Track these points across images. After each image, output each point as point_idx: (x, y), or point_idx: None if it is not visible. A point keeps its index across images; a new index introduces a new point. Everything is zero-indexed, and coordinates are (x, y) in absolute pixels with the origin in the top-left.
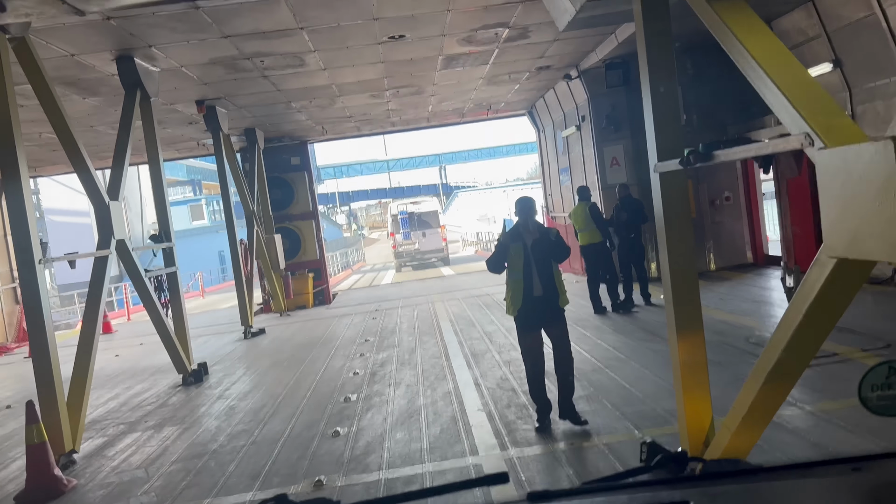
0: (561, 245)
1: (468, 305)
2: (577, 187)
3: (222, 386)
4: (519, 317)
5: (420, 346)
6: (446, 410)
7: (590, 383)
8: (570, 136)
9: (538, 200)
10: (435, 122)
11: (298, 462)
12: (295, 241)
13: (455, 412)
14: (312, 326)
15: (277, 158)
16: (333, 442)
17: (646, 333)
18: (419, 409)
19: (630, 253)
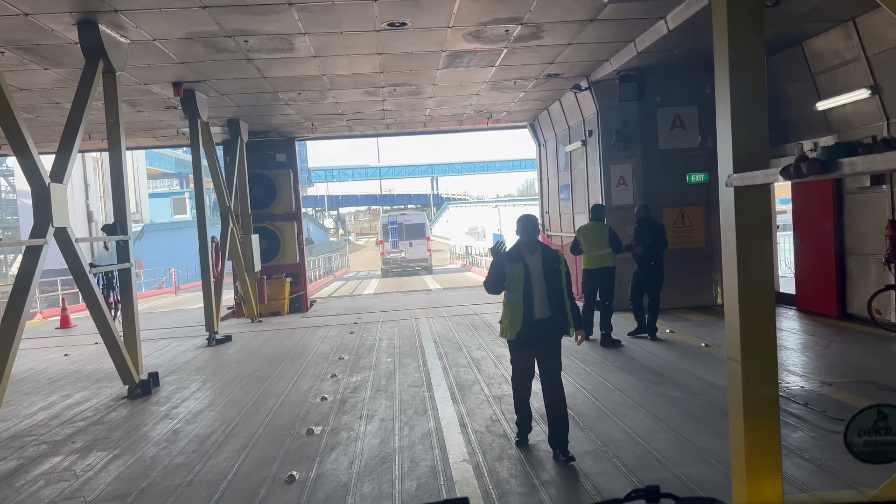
0: (569, 279)
1: (454, 325)
2: (591, 205)
3: (171, 402)
4: (516, 340)
5: (399, 371)
6: (425, 458)
7: (596, 435)
8: (574, 151)
9: None
10: (431, 127)
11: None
12: (274, 242)
13: (436, 461)
14: (284, 337)
15: (262, 154)
16: (286, 490)
17: (653, 374)
18: (393, 454)
19: (648, 282)
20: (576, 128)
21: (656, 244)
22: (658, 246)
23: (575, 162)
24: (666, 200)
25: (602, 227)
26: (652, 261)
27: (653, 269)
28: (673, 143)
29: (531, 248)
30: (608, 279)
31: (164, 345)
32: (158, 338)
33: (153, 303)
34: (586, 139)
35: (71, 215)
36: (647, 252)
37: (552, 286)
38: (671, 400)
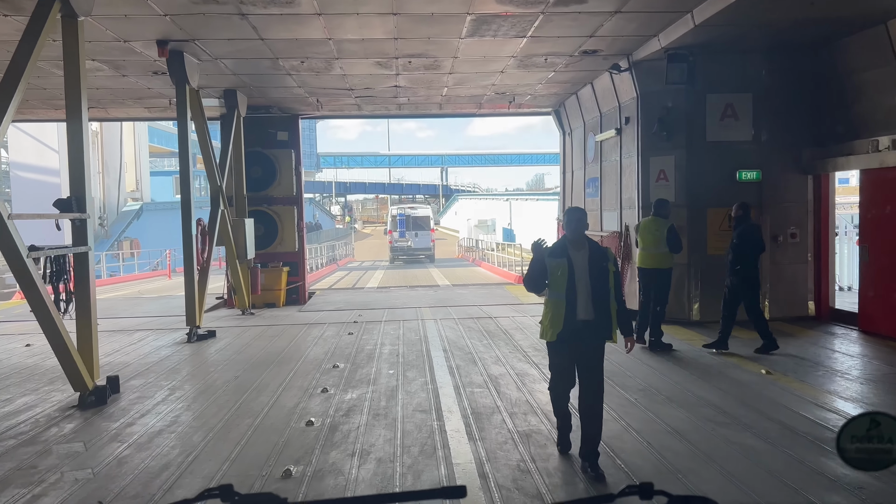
0: (620, 280)
1: (466, 330)
2: (654, 200)
3: (127, 417)
4: (556, 342)
5: (403, 388)
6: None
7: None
8: (606, 140)
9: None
10: (448, 109)
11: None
12: (272, 228)
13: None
14: (275, 335)
15: (262, 131)
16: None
17: (714, 410)
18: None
19: (736, 290)
20: (609, 115)
21: (744, 247)
22: (745, 250)
23: (606, 153)
24: (712, 200)
25: (662, 224)
26: (738, 265)
27: (739, 276)
28: (723, 134)
29: (578, 243)
30: (661, 281)
31: (139, 338)
32: (136, 329)
33: (144, 286)
34: (621, 127)
35: (66, 191)
36: (735, 256)
37: (598, 286)
38: (747, 452)
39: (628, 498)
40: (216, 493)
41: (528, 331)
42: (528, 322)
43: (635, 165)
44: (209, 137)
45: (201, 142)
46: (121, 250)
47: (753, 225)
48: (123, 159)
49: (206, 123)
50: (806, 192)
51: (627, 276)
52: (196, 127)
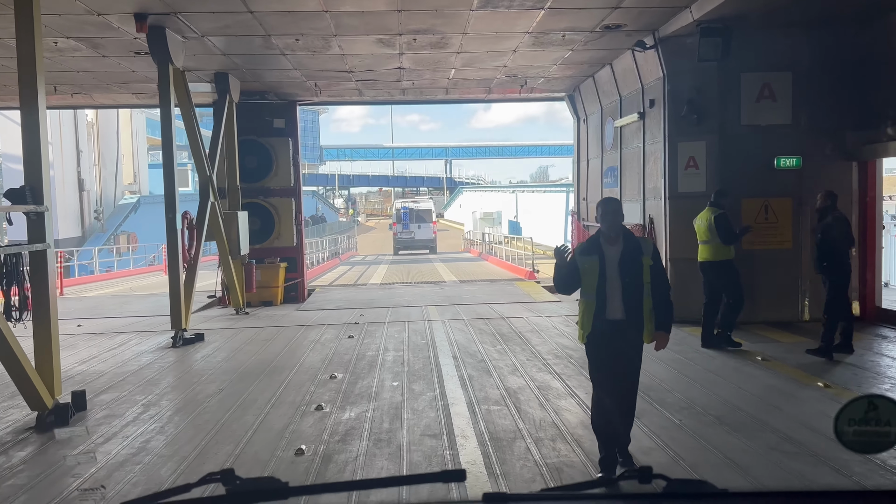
0: (663, 272)
1: (477, 332)
2: (714, 190)
3: (88, 443)
4: (588, 344)
5: (409, 405)
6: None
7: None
8: (627, 126)
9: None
10: (454, 95)
11: None
12: (268, 221)
13: None
14: (268, 338)
15: (257, 118)
16: None
17: (776, 435)
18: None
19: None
20: (631, 98)
21: (830, 242)
22: (831, 245)
23: (627, 139)
24: (747, 189)
25: (711, 214)
26: (825, 262)
27: (827, 273)
28: (759, 117)
29: (613, 237)
30: (721, 273)
31: (121, 342)
32: (120, 330)
33: (137, 282)
34: (645, 111)
35: (60, 184)
36: (820, 253)
37: (630, 283)
38: None
39: (628, 481)
40: (217, 478)
41: (545, 333)
42: (544, 323)
43: (661, 152)
44: (197, 123)
45: (188, 128)
46: (117, 244)
47: (839, 217)
48: (120, 151)
49: (194, 108)
50: (850, 181)
51: None
52: (182, 112)
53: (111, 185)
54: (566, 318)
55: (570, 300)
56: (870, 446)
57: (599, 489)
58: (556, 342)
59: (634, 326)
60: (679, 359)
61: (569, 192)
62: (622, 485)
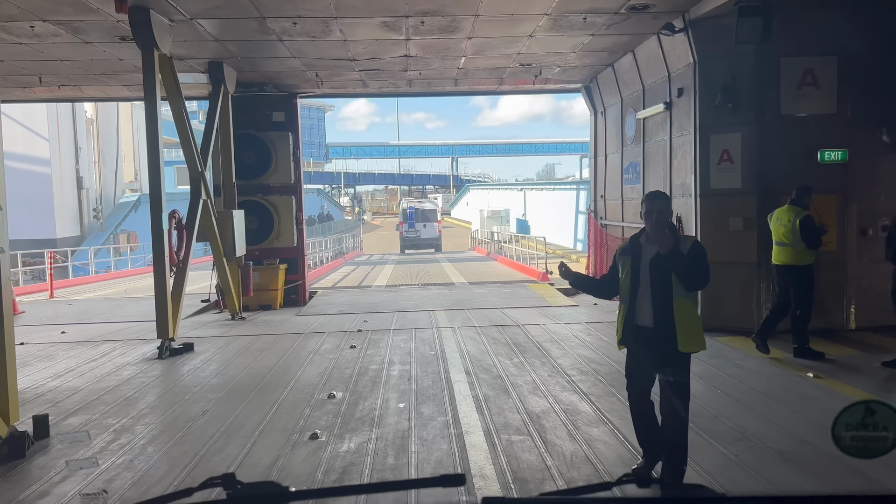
0: (692, 263)
1: (490, 342)
2: (797, 186)
3: (42, 482)
4: (628, 352)
5: (417, 433)
6: None
7: None
8: (651, 117)
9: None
10: (464, 86)
11: None
12: (266, 220)
13: None
14: (264, 348)
15: (255, 111)
16: None
17: (856, 475)
18: None
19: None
20: (655, 87)
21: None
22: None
23: (651, 132)
24: (787, 185)
25: (796, 215)
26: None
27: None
28: (800, 106)
29: (656, 237)
30: (798, 280)
31: (104, 352)
32: (105, 338)
33: (133, 284)
34: (671, 101)
35: (57, 181)
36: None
37: (658, 285)
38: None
39: (626, 485)
40: (218, 482)
41: (565, 344)
42: (564, 332)
43: (691, 145)
44: (187, 116)
45: (177, 120)
46: (117, 244)
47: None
48: (121, 148)
49: (183, 99)
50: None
51: None
52: (170, 103)
53: (111, 182)
54: (587, 326)
55: (588, 304)
56: (867, 451)
57: (599, 493)
58: (578, 354)
59: (665, 335)
60: (719, 375)
61: (579, 190)
62: (622, 489)
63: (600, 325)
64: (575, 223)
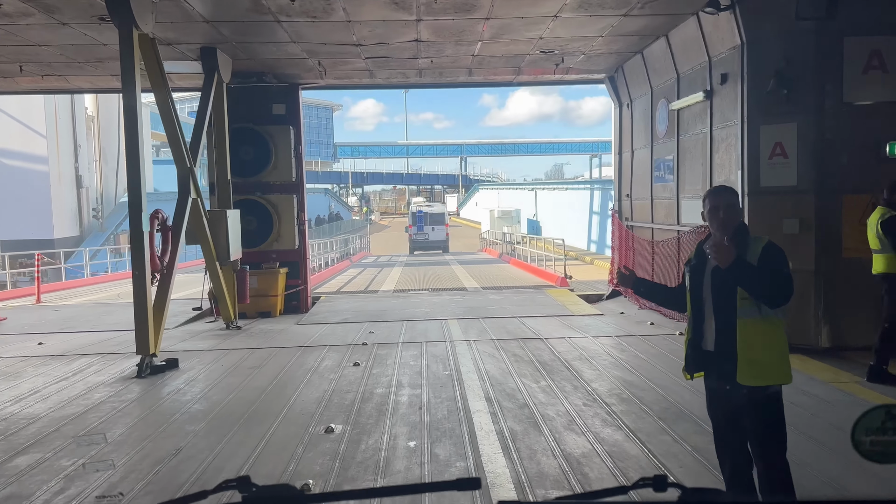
0: (763, 271)
1: (512, 359)
2: (888, 183)
3: None
4: (705, 385)
5: (433, 496)
6: None
7: None
8: (687, 108)
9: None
10: (479, 76)
11: None
12: (265, 220)
13: None
14: (256, 365)
15: (254, 104)
16: None
17: None
18: None
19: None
20: (692, 75)
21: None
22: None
23: (687, 124)
24: (849, 183)
25: (879, 216)
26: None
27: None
28: (866, 93)
29: (715, 244)
30: (888, 289)
31: (79, 368)
32: (84, 351)
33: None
34: (713, 89)
35: (55, 180)
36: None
37: (720, 301)
38: None
39: (643, 490)
40: (234, 485)
41: (597, 362)
42: (593, 347)
43: (737, 137)
44: (173, 105)
45: (161, 109)
46: (117, 244)
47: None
48: (122, 146)
49: (168, 85)
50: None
51: None
52: (154, 89)
53: (112, 181)
54: (618, 341)
55: (613, 313)
56: (887, 456)
57: (616, 497)
58: (614, 376)
59: (727, 363)
60: (788, 405)
61: (593, 189)
62: (639, 493)
63: (632, 339)
64: (588, 224)
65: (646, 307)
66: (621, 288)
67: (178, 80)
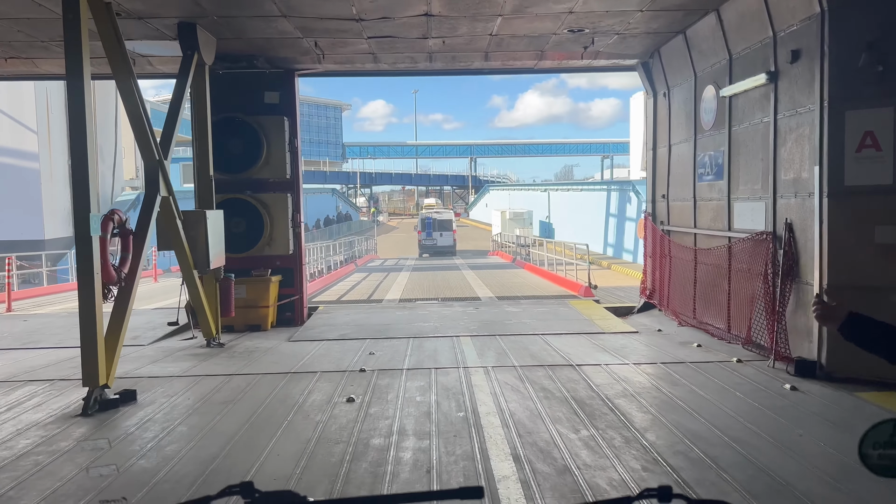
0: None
1: (541, 397)
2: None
3: None
4: None
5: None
6: None
7: None
8: (743, 94)
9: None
10: (496, 61)
11: None
12: (256, 222)
13: None
14: (231, 398)
15: (244, 91)
16: None
17: None
18: None
19: None
20: (750, 55)
21: None
22: None
23: (742, 113)
24: None
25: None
26: None
27: None
28: None
29: None
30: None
31: (19, 399)
32: (30, 377)
33: None
34: (779, 69)
35: (46, 178)
36: None
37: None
38: None
39: (647, 500)
40: (237, 490)
41: (645, 399)
42: (637, 379)
43: (812, 126)
44: (136, 85)
45: (122, 90)
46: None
47: None
48: (121, 143)
49: (130, 63)
50: None
51: (790, 302)
52: (112, 69)
53: (109, 180)
54: (665, 370)
55: (650, 331)
56: (894, 469)
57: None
58: (672, 422)
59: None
60: None
61: (610, 191)
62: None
63: (682, 367)
64: (605, 227)
65: (686, 324)
66: (656, 300)
67: (159, 66)
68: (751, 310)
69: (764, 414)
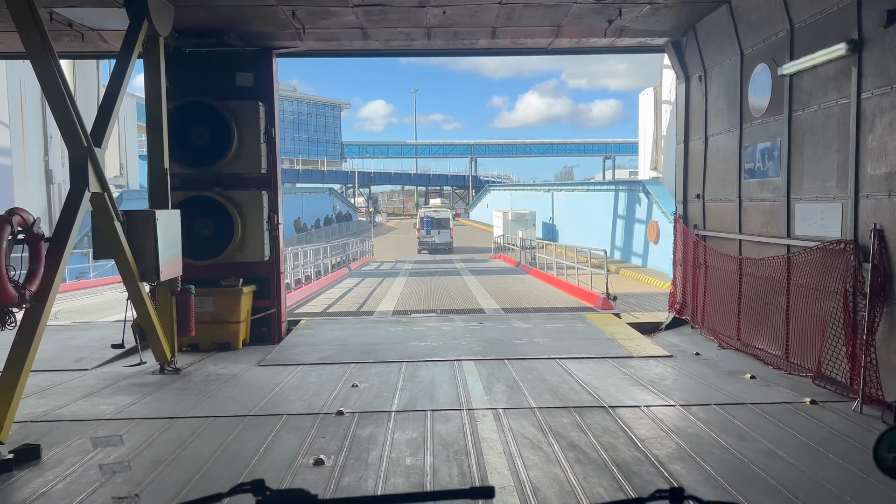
0: None
1: (570, 458)
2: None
3: None
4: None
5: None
6: None
7: None
8: (810, 71)
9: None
10: (505, 39)
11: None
12: (224, 224)
13: None
14: (161, 456)
15: (212, 72)
16: None
17: None
18: None
19: None
20: (819, 22)
21: None
22: None
23: (807, 94)
24: None
25: None
26: None
27: None
28: None
29: None
30: None
31: None
32: None
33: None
34: (863, 37)
35: (20, 175)
36: None
37: None
38: None
39: (658, 502)
40: (248, 488)
41: (710, 463)
42: (691, 429)
43: None
44: (54, 58)
45: (36, 64)
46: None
47: None
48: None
49: (45, 30)
50: None
51: (881, 329)
52: (21, 34)
53: None
54: (722, 415)
55: (686, 354)
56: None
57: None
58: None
59: None
60: None
61: (618, 191)
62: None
63: (742, 411)
64: (612, 229)
65: (728, 346)
66: (687, 315)
67: (113, 41)
68: (821, 336)
69: (877, 490)
